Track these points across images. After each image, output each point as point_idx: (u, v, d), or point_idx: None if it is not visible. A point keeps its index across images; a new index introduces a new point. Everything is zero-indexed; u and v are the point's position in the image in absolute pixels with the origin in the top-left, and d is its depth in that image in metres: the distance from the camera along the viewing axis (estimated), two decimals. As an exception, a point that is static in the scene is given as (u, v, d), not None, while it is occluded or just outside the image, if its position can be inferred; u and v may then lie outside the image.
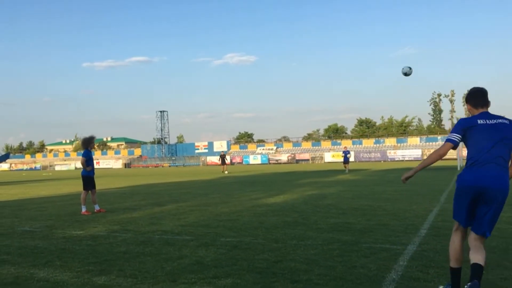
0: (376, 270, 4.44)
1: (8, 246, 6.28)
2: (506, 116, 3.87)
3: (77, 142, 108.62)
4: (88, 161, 9.89)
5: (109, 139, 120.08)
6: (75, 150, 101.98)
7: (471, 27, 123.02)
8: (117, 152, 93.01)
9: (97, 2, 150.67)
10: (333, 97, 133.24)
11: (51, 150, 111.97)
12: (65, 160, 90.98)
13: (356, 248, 5.43)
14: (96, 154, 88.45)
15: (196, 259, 5.14)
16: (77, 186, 20.94)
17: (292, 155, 70.37)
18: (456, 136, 3.71)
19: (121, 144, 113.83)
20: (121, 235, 6.95)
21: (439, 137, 69.26)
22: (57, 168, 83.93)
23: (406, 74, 8.69)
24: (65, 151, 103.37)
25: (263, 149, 77.26)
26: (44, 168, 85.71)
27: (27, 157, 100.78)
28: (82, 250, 5.84)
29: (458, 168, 27.08)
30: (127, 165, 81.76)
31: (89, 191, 10.03)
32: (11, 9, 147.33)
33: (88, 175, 9.96)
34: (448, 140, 3.73)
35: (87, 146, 10.01)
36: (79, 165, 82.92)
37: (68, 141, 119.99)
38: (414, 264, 4.58)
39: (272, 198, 12.17)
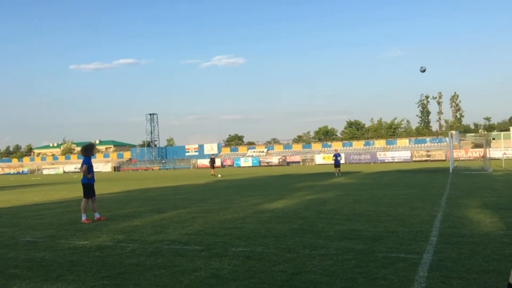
0: (399, 282, 4.40)
1: (15, 259, 6.12)
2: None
3: (65, 145, 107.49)
4: (88, 168, 9.74)
5: (97, 142, 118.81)
6: (63, 153, 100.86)
7: (457, 29, 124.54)
8: (106, 155, 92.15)
9: (83, 4, 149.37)
10: (322, 98, 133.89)
11: (38, 154, 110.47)
12: (53, 164, 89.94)
13: (372, 258, 5.39)
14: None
15: (212, 272, 5.06)
16: (70, 192, 20.68)
17: (283, 158, 70.42)
18: None
19: (110, 147, 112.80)
20: (128, 245, 6.83)
21: (427, 139, 69.95)
22: (45, 172, 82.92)
23: (423, 71, 9.09)
24: (53, 155, 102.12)
25: (254, 152, 77.22)
26: (32, 172, 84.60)
27: (14, 161, 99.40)
28: (92, 263, 5.72)
29: (450, 170, 27.30)
30: (116, 169, 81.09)
31: (90, 199, 9.88)
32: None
33: (89, 183, 9.81)
34: None
35: (88, 153, 9.87)
36: (67, 168, 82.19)
37: (55, 144, 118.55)
38: (436, 275, 4.56)
39: (272, 203, 12.11)
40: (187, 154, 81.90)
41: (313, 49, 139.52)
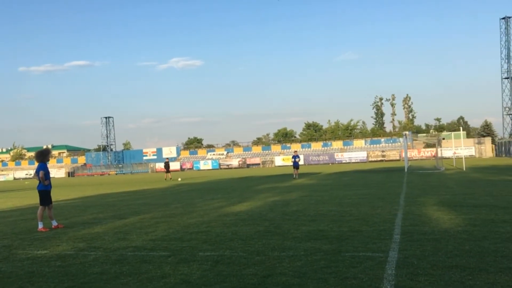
0: (369, 280, 4.47)
1: (-33, 272, 5.76)
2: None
3: (16, 151, 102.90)
4: (45, 174, 9.35)
5: (50, 146, 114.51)
6: (13, 159, 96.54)
7: (408, 34, 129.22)
8: (59, 161, 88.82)
9: (33, 4, 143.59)
10: (280, 100, 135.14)
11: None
12: (2, 170, 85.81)
13: (340, 258, 5.46)
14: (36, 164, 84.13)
15: (181, 278, 4.95)
16: (22, 199, 19.76)
17: (243, 160, 70.48)
18: None
19: (63, 152, 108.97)
20: (90, 253, 6.59)
21: (382, 139, 72.06)
22: (-6, 178, 78.92)
23: None
24: (2, 161, 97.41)
25: (214, 154, 76.85)
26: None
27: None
28: (53, 273, 5.46)
29: (405, 170, 28.23)
30: (70, 174, 78.48)
31: (46, 207, 9.47)
32: None
33: (45, 190, 9.41)
34: None
35: (43, 159, 9.48)
36: (18, 175, 78.59)
37: (4, 150, 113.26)
38: (403, 273, 4.67)
39: (236, 206, 12.07)
40: (145, 158, 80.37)
41: (271, 52, 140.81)
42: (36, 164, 9.74)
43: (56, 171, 77.86)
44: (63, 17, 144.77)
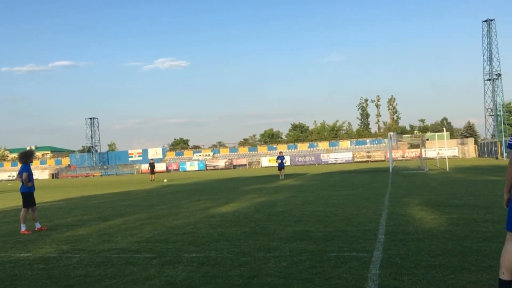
0: (353, 280, 4.51)
1: None
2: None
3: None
4: (28, 176, 9.23)
5: (33, 148, 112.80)
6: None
7: (393, 36, 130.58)
8: (42, 162, 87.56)
9: (15, 3, 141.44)
10: (266, 101, 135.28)
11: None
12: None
13: (325, 258, 5.49)
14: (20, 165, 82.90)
15: (167, 279, 4.93)
16: (4, 201, 19.44)
17: (230, 161, 70.39)
18: None
19: (47, 153, 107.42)
20: (74, 255, 6.52)
21: (367, 140, 72.68)
22: (-25, 180, 77.47)
23: None
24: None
25: (200, 155, 76.60)
26: (-41, 181, 78.68)
27: None
28: (36, 276, 5.39)
29: (390, 170, 28.50)
30: (54, 176, 77.45)
31: (30, 209, 9.34)
32: None
33: (29, 191, 9.29)
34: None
35: (27, 160, 9.36)
36: (0, 176, 77.23)
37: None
38: (387, 272, 4.71)
39: (222, 207, 12.05)
40: (130, 159, 79.72)
41: (257, 53, 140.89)
42: (19, 165, 9.61)
43: (40, 173, 76.75)
44: (47, 17, 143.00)
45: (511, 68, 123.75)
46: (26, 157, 9.39)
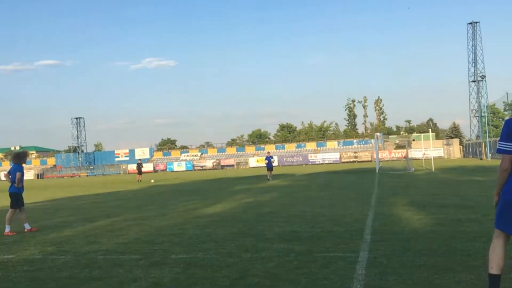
0: (339, 281, 4.54)
1: None
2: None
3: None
4: (21, 176, 9.24)
5: (18, 148, 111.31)
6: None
7: (378, 38, 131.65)
8: (28, 162, 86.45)
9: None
10: (254, 102, 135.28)
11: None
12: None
13: (312, 259, 5.52)
14: (4, 165, 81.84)
15: (153, 281, 4.90)
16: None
17: (217, 161, 70.25)
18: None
19: (32, 153, 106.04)
20: (60, 257, 6.45)
21: (354, 141, 73.13)
22: (-42, 181, 76.16)
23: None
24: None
25: (188, 156, 76.30)
26: None
27: None
28: (20, 278, 5.32)
29: (377, 170, 28.72)
30: (39, 176, 76.53)
31: (17, 210, 9.25)
32: None
33: (18, 192, 9.22)
34: (503, 152, 3.57)
35: (20, 161, 9.34)
36: (-16, 177, 76.10)
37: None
38: (373, 272, 4.75)
39: (210, 208, 12.03)
40: (117, 159, 79.07)
41: (245, 54, 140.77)
42: (8, 165, 9.53)
43: (25, 173, 75.72)
44: (33, 15, 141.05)
45: (495, 70, 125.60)
46: (19, 158, 9.38)
